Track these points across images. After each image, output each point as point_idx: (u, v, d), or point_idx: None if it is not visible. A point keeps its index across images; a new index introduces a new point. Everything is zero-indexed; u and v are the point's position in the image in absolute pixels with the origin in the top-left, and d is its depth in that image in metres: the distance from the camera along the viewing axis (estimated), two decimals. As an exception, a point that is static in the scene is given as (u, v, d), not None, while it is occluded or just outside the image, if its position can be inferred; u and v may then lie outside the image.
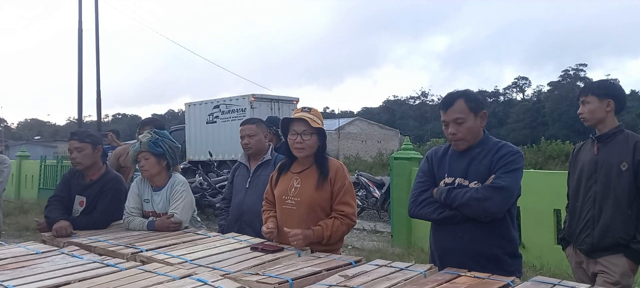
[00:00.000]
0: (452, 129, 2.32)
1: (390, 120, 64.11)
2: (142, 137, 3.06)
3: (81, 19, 15.55)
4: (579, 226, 2.70)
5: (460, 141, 2.33)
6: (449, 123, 2.33)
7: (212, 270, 2.02)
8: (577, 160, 2.79)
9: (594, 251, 2.63)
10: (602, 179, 2.61)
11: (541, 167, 21.44)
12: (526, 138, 49.26)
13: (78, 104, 15.50)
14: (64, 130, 72.11)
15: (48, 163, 14.11)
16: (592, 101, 2.65)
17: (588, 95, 2.67)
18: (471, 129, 2.31)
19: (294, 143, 2.56)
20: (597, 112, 2.64)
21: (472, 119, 2.31)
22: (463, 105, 2.30)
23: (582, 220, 2.67)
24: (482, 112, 2.34)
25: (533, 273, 4.98)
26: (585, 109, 2.68)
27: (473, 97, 2.35)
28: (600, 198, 2.61)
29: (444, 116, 2.35)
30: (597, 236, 2.61)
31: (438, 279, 1.89)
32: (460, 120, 2.30)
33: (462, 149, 2.36)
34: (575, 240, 2.74)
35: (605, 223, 2.58)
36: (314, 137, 2.55)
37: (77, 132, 3.30)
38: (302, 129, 2.53)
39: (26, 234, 7.65)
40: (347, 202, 2.55)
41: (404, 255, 6.20)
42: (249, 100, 12.58)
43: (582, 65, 65.19)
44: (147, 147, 3.02)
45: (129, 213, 3.05)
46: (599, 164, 2.63)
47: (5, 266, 2.11)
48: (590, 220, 2.64)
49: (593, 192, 2.64)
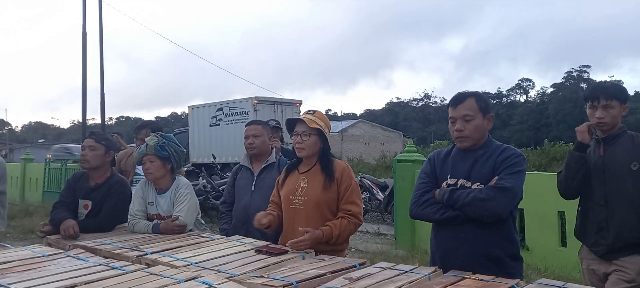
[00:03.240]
0: (459, 125, 2.34)
1: (394, 122, 64.10)
2: (149, 140, 3.08)
3: (85, 22, 15.60)
4: (591, 228, 2.65)
5: (465, 139, 2.35)
6: (456, 119, 2.35)
7: (217, 272, 2.03)
8: (588, 160, 2.68)
9: (608, 253, 2.58)
10: (612, 180, 2.56)
11: (545, 169, 21.37)
12: (530, 140, 49.18)
13: (82, 107, 15.54)
14: (68, 133, 72.38)
15: (52, 166, 14.17)
16: (616, 106, 2.57)
17: (612, 99, 2.56)
18: (478, 128, 2.33)
19: (295, 143, 2.69)
20: (618, 117, 2.59)
21: (481, 118, 2.34)
22: (473, 104, 2.34)
23: (594, 222, 2.62)
24: (490, 114, 2.38)
25: (537, 275, 4.97)
26: (607, 114, 2.57)
27: (483, 99, 2.40)
28: (612, 200, 2.56)
29: (452, 112, 2.37)
30: (611, 238, 2.55)
31: (442, 282, 1.89)
32: (469, 118, 2.32)
33: (466, 147, 2.37)
34: (588, 242, 2.69)
35: (620, 224, 2.53)
36: (313, 137, 2.64)
37: (96, 133, 3.37)
38: (302, 130, 2.65)
39: (31, 237, 7.68)
40: (354, 202, 2.62)
41: (408, 257, 6.20)
42: (252, 103, 12.61)
43: (585, 66, 65.17)
44: (153, 150, 3.04)
45: (133, 216, 3.07)
46: (606, 165, 2.59)
47: (12, 269, 2.12)
48: (602, 221, 2.59)
49: (603, 193, 2.59)
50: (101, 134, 3.43)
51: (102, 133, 3.51)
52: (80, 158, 3.26)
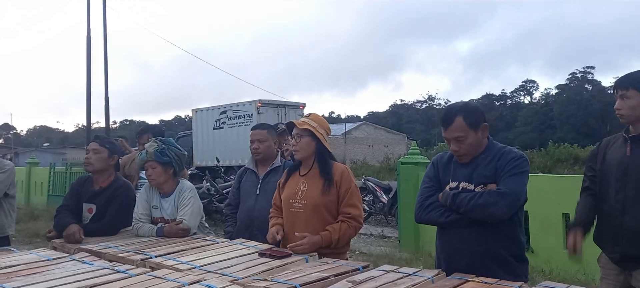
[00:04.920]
0: (454, 146, 2.34)
1: (397, 124, 64.00)
2: (148, 146, 3.10)
3: (89, 26, 15.69)
4: (609, 233, 2.46)
5: (463, 156, 2.35)
6: (450, 140, 2.34)
7: (221, 276, 2.04)
8: (605, 159, 2.50)
9: (623, 260, 2.42)
10: (634, 184, 2.35)
11: (549, 170, 21.33)
12: (534, 141, 48.97)
13: (87, 111, 15.62)
14: (73, 137, 72.68)
15: (57, 170, 14.24)
16: (634, 96, 2.34)
17: (629, 89, 2.35)
18: (472, 144, 2.32)
19: (291, 146, 2.77)
20: (638, 108, 2.34)
21: (473, 135, 2.30)
22: (462, 123, 2.29)
23: (612, 227, 2.43)
24: (482, 125, 2.32)
25: (542, 277, 4.95)
26: (624, 105, 2.37)
27: (472, 112, 2.32)
28: (631, 204, 2.36)
29: (444, 133, 2.36)
30: (627, 244, 2.37)
31: (446, 284, 1.90)
32: (461, 138, 2.30)
33: (467, 162, 2.37)
34: (605, 248, 2.52)
35: (637, 231, 2.34)
36: (305, 138, 2.68)
37: (100, 137, 3.42)
38: (295, 132, 2.72)
39: (36, 240, 7.72)
40: (354, 205, 2.62)
41: (412, 260, 6.19)
42: (255, 106, 12.61)
43: (589, 67, 64.88)
44: (153, 156, 3.06)
45: (138, 219, 3.08)
46: (630, 167, 2.36)
47: (18, 272, 2.14)
48: (618, 227, 2.40)
49: (622, 196, 2.38)
50: (105, 137, 3.45)
51: (106, 137, 3.54)
52: (84, 161, 3.29)
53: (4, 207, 3.59)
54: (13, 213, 3.70)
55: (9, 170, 3.54)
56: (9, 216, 3.63)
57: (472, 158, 2.35)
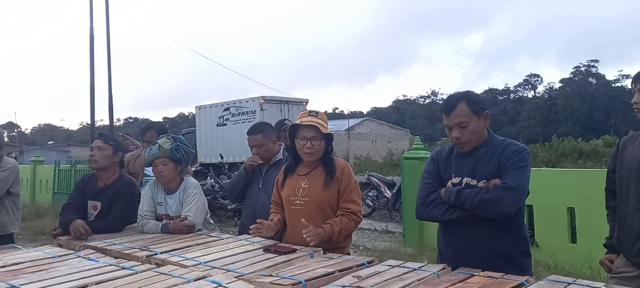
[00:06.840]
0: (456, 132, 2.29)
1: (400, 119, 63.92)
2: (162, 143, 3.09)
3: (92, 24, 15.71)
4: (630, 235, 2.30)
5: (465, 144, 2.31)
6: (452, 127, 2.30)
7: (226, 271, 2.04)
8: (623, 160, 2.39)
9: None
10: None
11: (554, 164, 21.25)
12: (538, 135, 48.86)
13: (90, 109, 15.65)
14: (77, 135, 72.88)
15: (62, 168, 14.29)
16: None
17: None
18: (475, 131, 2.29)
19: (303, 148, 2.64)
20: None
21: (475, 121, 2.28)
22: (465, 108, 2.27)
23: (634, 230, 2.27)
24: (484, 113, 2.31)
25: (547, 272, 4.94)
26: None
27: (474, 99, 2.30)
28: None
29: (446, 120, 2.32)
30: None
31: (451, 279, 1.89)
32: (464, 124, 2.27)
33: (467, 151, 2.34)
34: (626, 251, 2.36)
35: None
36: (322, 142, 2.64)
37: (104, 134, 3.43)
38: (312, 135, 2.62)
39: (42, 238, 7.76)
40: (353, 200, 2.63)
41: (416, 255, 6.19)
42: (258, 102, 12.61)
43: (593, 61, 64.50)
44: (168, 153, 3.05)
45: (143, 216, 3.09)
46: None
47: (23, 270, 2.15)
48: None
49: None
50: (109, 135, 3.47)
51: (110, 134, 3.55)
52: (88, 159, 3.30)
53: (7, 204, 3.60)
54: (17, 211, 3.71)
55: (10, 168, 3.55)
56: (12, 214, 3.64)
57: (473, 147, 2.32)
